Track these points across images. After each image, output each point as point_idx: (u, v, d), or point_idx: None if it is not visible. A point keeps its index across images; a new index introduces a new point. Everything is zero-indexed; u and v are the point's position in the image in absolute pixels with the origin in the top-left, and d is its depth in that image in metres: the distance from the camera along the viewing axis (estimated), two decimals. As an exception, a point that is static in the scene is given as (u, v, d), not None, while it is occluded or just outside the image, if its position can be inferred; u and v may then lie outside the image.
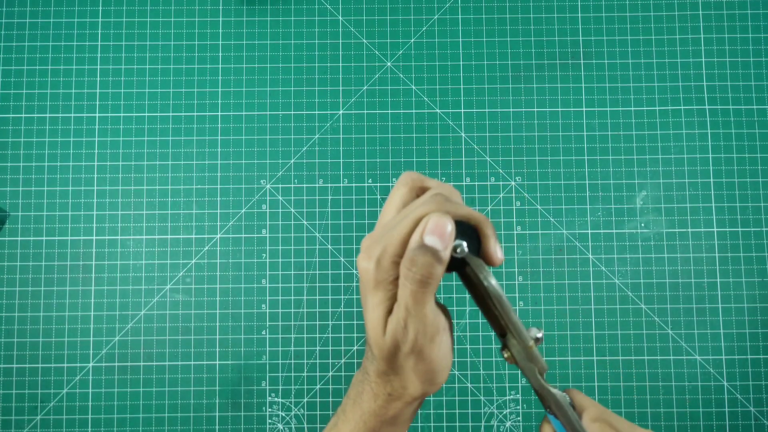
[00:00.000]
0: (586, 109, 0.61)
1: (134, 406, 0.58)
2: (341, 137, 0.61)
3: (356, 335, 0.59)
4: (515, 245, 0.60)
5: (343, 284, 0.59)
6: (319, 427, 0.58)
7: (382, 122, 0.61)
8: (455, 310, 0.59)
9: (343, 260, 0.60)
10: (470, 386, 0.58)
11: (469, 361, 0.59)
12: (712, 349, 0.58)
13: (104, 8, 0.62)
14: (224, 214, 0.60)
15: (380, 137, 0.61)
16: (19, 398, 0.58)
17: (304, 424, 0.58)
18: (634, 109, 0.61)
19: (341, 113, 0.61)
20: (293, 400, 0.58)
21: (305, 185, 0.61)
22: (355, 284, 0.59)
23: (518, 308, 0.59)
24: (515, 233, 0.60)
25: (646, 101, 0.61)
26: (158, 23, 0.62)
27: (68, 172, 0.60)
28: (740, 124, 0.61)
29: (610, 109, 0.61)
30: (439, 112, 0.61)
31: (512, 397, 0.58)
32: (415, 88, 0.62)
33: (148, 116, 0.61)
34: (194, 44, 0.62)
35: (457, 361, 0.59)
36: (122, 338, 0.59)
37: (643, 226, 0.60)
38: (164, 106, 0.61)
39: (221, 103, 0.61)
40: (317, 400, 0.58)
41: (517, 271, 0.60)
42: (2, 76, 0.61)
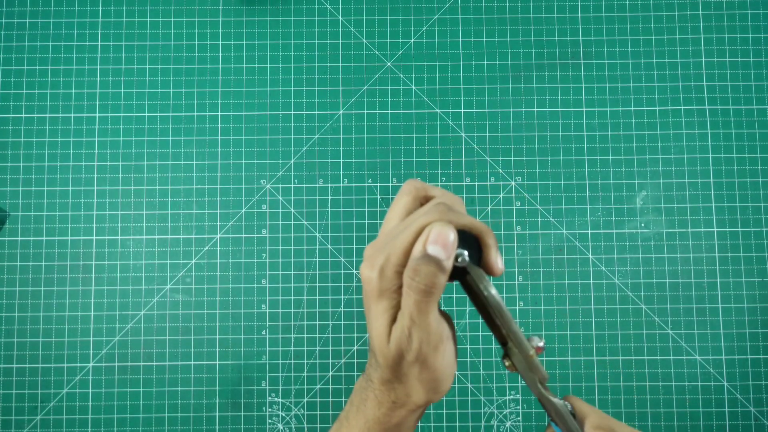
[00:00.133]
0: (586, 109, 0.61)
1: (134, 406, 0.58)
2: (341, 137, 0.61)
3: (356, 335, 0.59)
4: (515, 245, 0.60)
5: (343, 284, 0.59)
6: (319, 427, 0.58)
7: (382, 122, 0.61)
8: (455, 310, 0.59)
9: (343, 260, 0.60)
10: (470, 386, 0.58)
11: (469, 361, 0.59)
12: (712, 349, 0.58)
13: (104, 8, 0.62)
14: (224, 214, 0.60)
15: (380, 137, 0.61)
16: (19, 398, 0.58)
17: (304, 424, 0.58)
18: (634, 109, 0.61)
19: (341, 113, 0.61)
20: (293, 400, 0.58)
21: (305, 185, 0.61)
22: (355, 284, 0.59)
23: (518, 308, 0.59)
24: (515, 233, 0.60)
25: (646, 101, 0.61)
26: (158, 23, 0.62)
27: (68, 172, 0.60)
28: (740, 124, 0.61)
29: (610, 109, 0.61)
30: (439, 112, 0.61)
31: (512, 397, 0.58)
32: (415, 88, 0.62)
33: (148, 116, 0.61)
34: (194, 44, 0.62)
35: (457, 361, 0.58)
36: (122, 338, 0.59)
37: (643, 226, 0.60)
38: (164, 106, 0.61)
39: (221, 103, 0.61)
40: (317, 400, 0.58)
41: (517, 271, 0.60)
42: (2, 76, 0.61)
